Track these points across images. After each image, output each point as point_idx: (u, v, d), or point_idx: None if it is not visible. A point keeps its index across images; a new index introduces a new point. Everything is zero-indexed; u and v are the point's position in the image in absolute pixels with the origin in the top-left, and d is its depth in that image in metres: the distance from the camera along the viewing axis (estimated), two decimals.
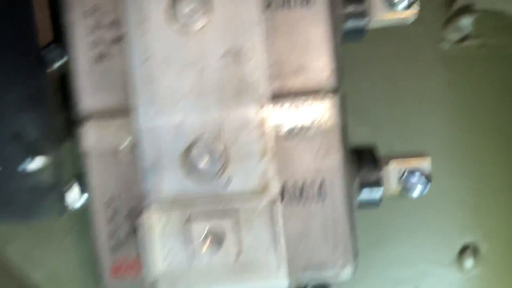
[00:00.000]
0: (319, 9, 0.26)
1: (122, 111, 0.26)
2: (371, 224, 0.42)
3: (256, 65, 0.26)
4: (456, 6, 0.39)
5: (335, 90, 0.26)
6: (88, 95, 0.27)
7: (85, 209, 0.29)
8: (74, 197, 0.34)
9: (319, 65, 0.26)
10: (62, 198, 0.44)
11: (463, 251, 0.43)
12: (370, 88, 0.40)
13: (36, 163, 0.41)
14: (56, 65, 0.31)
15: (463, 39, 0.40)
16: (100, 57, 0.26)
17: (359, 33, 0.29)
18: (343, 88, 0.27)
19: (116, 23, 0.26)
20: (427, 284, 0.43)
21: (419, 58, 0.40)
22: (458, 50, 0.41)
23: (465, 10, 0.40)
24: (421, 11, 0.39)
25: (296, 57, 0.26)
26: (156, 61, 0.26)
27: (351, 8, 0.28)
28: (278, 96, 0.26)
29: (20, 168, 0.41)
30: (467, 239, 0.43)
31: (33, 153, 0.42)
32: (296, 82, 0.26)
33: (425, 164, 0.29)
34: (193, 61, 0.26)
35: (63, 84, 0.35)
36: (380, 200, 0.29)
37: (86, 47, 0.27)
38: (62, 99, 0.42)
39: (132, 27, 0.26)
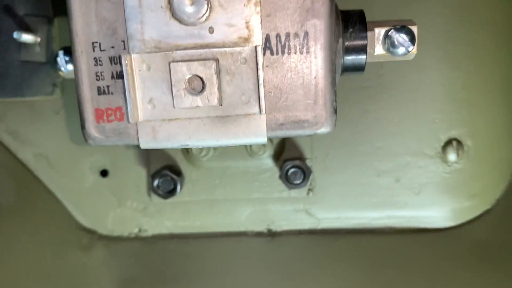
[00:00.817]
0: None
1: None
2: (357, 114, 0.43)
3: None
4: None
5: None
6: None
7: (74, 90, 0.29)
8: (61, 63, 0.34)
9: None
10: (52, 75, 0.44)
11: (447, 144, 0.43)
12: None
13: (27, 37, 0.41)
14: None
15: None
16: None
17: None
18: None
19: None
20: (409, 176, 0.44)
21: None
22: None
23: None
24: None
25: None
26: None
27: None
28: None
29: (13, 40, 0.40)
30: (452, 133, 0.43)
31: (25, 28, 0.42)
32: None
33: (411, 27, 0.28)
34: None
35: None
36: (365, 64, 0.29)
37: None
38: None
39: None
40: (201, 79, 0.26)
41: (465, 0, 0.41)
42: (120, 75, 0.27)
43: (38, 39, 0.42)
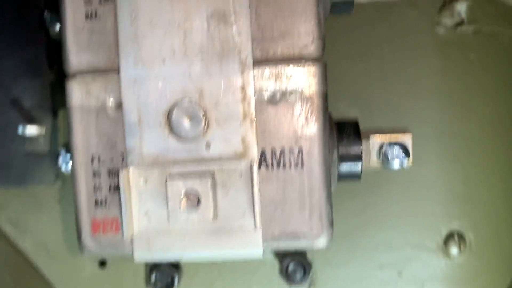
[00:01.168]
0: None
1: (109, 69, 0.27)
2: (356, 208, 0.43)
3: (240, 29, 0.26)
4: None
5: (317, 58, 0.26)
6: (76, 52, 0.27)
7: None
8: (63, 162, 0.35)
9: (303, 32, 0.26)
10: (55, 166, 0.45)
11: (448, 238, 0.43)
12: (363, 67, 0.40)
13: (32, 130, 0.42)
14: (55, 30, 0.31)
15: (458, 24, 0.40)
16: (90, 16, 0.27)
17: (348, 4, 0.29)
18: (326, 56, 0.27)
19: None
20: (411, 269, 0.43)
21: (413, 41, 0.40)
22: (453, 35, 0.41)
23: None
24: None
25: (280, 23, 0.26)
26: (143, 21, 0.26)
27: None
28: (260, 61, 0.26)
29: (17, 133, 0.41)
30: (453, 226, 0.43)
31: (30, 120, 0.43)
32: (279, 48, 0.26)
33: (406, 138, 0.29)
34: (178, 22, 0.26)
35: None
36: (361, 172, 0.30)
37: (77, 6, 0.27)
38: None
39: None
40: (197, 194, 0.26)
41: (462, 96, 0.42)
42: (117, 188, 0.27)
43: (43, 132, 0.43)
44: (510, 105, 0.41)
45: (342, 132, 0.29)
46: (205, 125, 0.26)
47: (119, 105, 0.27)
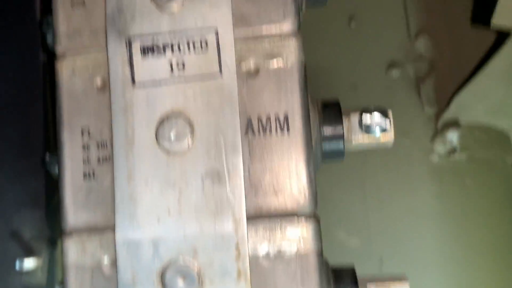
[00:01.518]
0: (296, 136, 0.27)
1: (105, 228, 0.27)
2: None
3: (234, 187, 0.27)
4: (442, 120, 0.41)
5: (310, 215, 0.27)
6: (74, 211, 0.27)
7: None
8: None
9: (295, 190, 0.27)
10: None
11: None
12: (360, 195, 0.41)
13: (30, 263, 0.41)
14: (55, 172, 0.32)
15: (451, 152, 0.41)
16: (88, 176, 0.28)
17: (339, 155, 0.30)
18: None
19: (104, 144, 0.28)
20: None
21: (408, 168, 0.41)
22: (447, 163, 0.42)
23: (451, 124, 0.41)
24: (409, 124, 0.41)
25: (273, 181, 0.27)
26: (138, 181, 0.27)
27: (328, 132, 0.29)
28: (254, 218, 0.27)
29: (16, 266, 0.41)
30: None
31: (29, 251, 0.43)
32: (272, 205, 0.27)
33: (403, 286, 0.29)
34: (174, 181, 0.27)
35: None
36: None
37: (75, 165, 0.28)
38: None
39: (119, 147, 0.27)
40: None
41: (460, 220, 0.42)
42: None
43: (41, 263, 0.43)
44: (507, 229, 0.41)
45: (339, 282, 0.29)
46: (199, 283, 0.26)
47: (114, 263, 0.27)
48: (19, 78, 0.42)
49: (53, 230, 0.44)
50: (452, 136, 0.41)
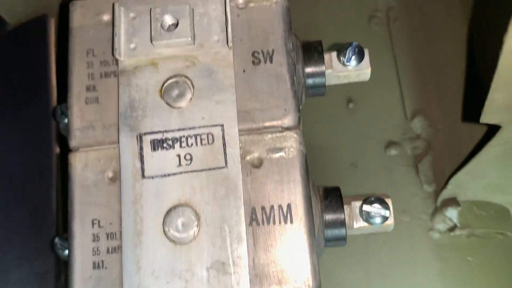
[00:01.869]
0: (300, 225, 0.28)
1: None
2: None
3: (240, 278, 0.27)
4: (441, 199, 0.42)
5: None
6: None
7: None
8: None
9: (299, 280, 0.27)
10: None
11: None
12: (362, 273, 0.41)
13: None
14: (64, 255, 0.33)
15: (452, 229, 0.42)
16: (97, 266, 0.28)
17: (341, 240, 0.31)
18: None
19: (113, 235, 0.29)
20: None
21: (410, 247, 0.42)
22: (448, 239, 0.42)
23: (450, 202, 0.42)
24: (408, 202, 0.42)
25: (277, 271, 0.28)
26: (146, 272, 0.28)
27: (330, 219, 0.30)
28: None
29: None
30: None
31: None
32: None
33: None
34: (180, 272, 0.28)
35: None
36: None
37: (85, 255, 0.29)
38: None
39: (127, 238, 0.28)
40: None
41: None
42: None
43: None
44: None
45: None
46: None
47: None
48: (32, 162, 0.43)
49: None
50: (452, 214, 0.42)
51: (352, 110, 0.45)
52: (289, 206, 0.29)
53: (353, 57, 0.32)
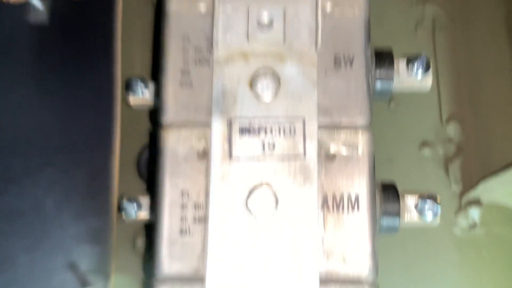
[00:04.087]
0: (365, 214, 0.32)
1: (195, 279, 0.31)
2: None
3: (312, 252, 0.31)
4: (466, 199, 0.46)
5: (373, 283, 0.32)
6: (168, 262, 0.32)
7: None
8: None
9: (361, 260, 0.32)
10: None
11: None
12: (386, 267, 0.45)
13: None
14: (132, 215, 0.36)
15: (473, 227, 0.47)
16: (183, 232, 0.32)
17: (393, 230, 0.35)
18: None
19: (200, 205, 0.32)
20: None
21: (434, 239, 0.46)
22: (468, 235, 0.47)
23: (473, 202, 0.47)
24: None
25: (342, 251, 0.32)
26: (229, 241, 0.32)
27: (388, 209, 0.34)
28: (325, 282, 0.31)
29: None
30: None
31: (85, 284, 0.47)
32: (341, 272, 0.32)
33: None
34: (260, 243, 0.32)
35: None
36: None
37: (173, 221, 0.32)
38: None
39: (213, 211, 0.32)
40: None
41: None
42: None
43: None
44: None
45: None
46: None
47: None
48: (92, 126, 0.46)
49: (108, 265, 0.48)
50: (474, 213, 0.47)
51: (393, 109, 0.48)
52: (357, 196, 0.33)
53: (421, 68, 0.35)
